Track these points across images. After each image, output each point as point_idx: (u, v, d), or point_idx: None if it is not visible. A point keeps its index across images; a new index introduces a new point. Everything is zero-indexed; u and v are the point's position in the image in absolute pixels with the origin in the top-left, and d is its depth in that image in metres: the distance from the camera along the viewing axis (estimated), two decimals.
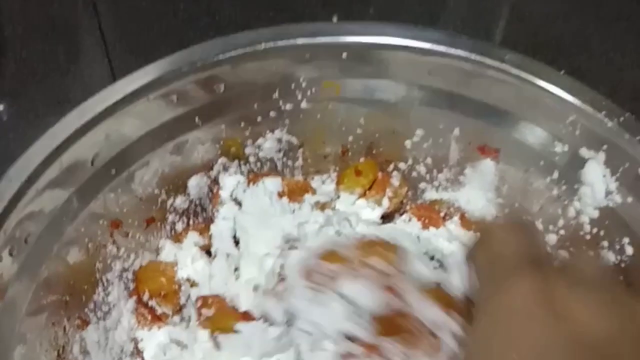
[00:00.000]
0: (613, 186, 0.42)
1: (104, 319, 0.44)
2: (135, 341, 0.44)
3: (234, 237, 0.46)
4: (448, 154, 0.47)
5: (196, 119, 0.45)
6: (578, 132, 0.42)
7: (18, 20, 0.64)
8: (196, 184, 0.47)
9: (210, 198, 0.47)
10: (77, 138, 0.41)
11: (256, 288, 0.43)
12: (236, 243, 0.46)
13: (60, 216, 0.41)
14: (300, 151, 0.48)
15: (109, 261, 0.45)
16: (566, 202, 0.43)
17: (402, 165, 0.48)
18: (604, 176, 0.42)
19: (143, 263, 0.46)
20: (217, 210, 0.47)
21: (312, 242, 0.43)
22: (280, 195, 0.47)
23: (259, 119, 0.46)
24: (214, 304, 0.43)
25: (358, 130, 0.47)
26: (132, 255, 0.46)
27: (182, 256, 0.46)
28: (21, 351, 0.39)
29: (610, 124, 0.41)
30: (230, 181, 0.47)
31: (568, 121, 0.42)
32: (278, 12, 0.65)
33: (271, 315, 0.40)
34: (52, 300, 0.41)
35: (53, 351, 0.41)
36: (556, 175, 0.44)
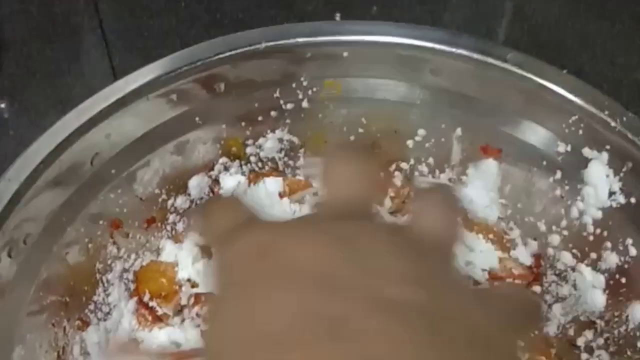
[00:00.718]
0: (616, 186, 0.42)
1: (105, 320, 0.44)
2: (135, 342, 0.44)
3: None
4: (450, 154, 0.47)
5: (197, 119, 0.45)
6: (581, 132, 0.42)
7: (19, 18, 0.64)
8: (197, 184, 0.46)
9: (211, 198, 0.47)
10: (77, 138, 0.40)
11: None
12: None
13: (59, 217, 0.41)
14: (301, 151, 0.48)
15: (109, 262, 0.44)
16: (569, 203, 0.43)
17: (404, 165, 0.48)
18: (607, 176, 0.42)
19: (144, 263, 0.45)
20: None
21: None
22: (281, 195, 0.47)
23: (260, 119, 0.46)
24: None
25: (360, 129, 0.47)
26: (133, 255, 0.45)
27: (183, 256, 0.46)
28: (21, 352, 0.39)
29: (613, 124, 0.41)
30: (230, 181, 0.47)
31: (571, 121, 0.42)
32: (279, 11, 0.65)
33: None
34: (52, 301, 0.41)
35: (53, 352, 0.41)
36: (559, 175, 0.43)
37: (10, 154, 0.40)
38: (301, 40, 0.44)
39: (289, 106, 0.46)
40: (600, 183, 0.42)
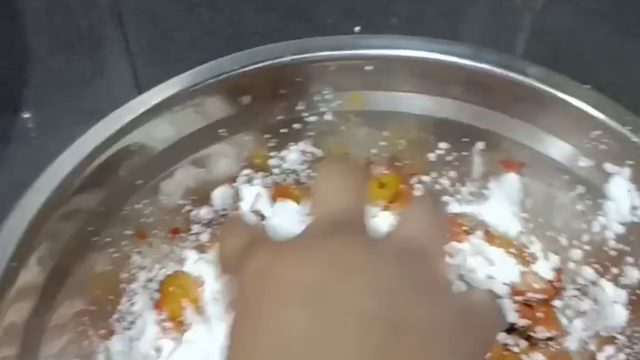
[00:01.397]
0: (638, 201, 0.42)
1: (129, 329, 0.44)
2: (159, 351, 0.44)
3: None
4: (472, 168, 0.47)
5: (221, 131, 0.45)
6: (603, 147, 0.42)
7: (44, 30, 0.65)
8: (220, 195, 0.47)
9: (234, 209, 0.48)
10: (104, 149, 0.41)
11: None
12: None
13: (86, 226, 0.41)
14: None
15: (134, 271, 0.45)
16: (590, 217, 0.43)
17: (426, 178, 0.48)
18: (629, 191, 0.42)
19: (168, 273, 0.46)
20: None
21: None
22: None
23: (284, 131, 0.47)
24: None
25: (381, 142, 0.48)
26: (157, 265, 0.46)
27: (207, 269, 0.46)
28: None
29: (635, 139, 0.41)
30: (250, 192, 0.47)
31: (593, 135, 0.42)
32: (301, 23, 0.66)
33: None
34: (78, 309, 0.42)
35: None
36: (581, 190, 0.43)
37: (34, 165, 0.40)
38: (325, 53, 0.45)
39: (312, 119, 0.47)
40: (622, 198, 0.42)
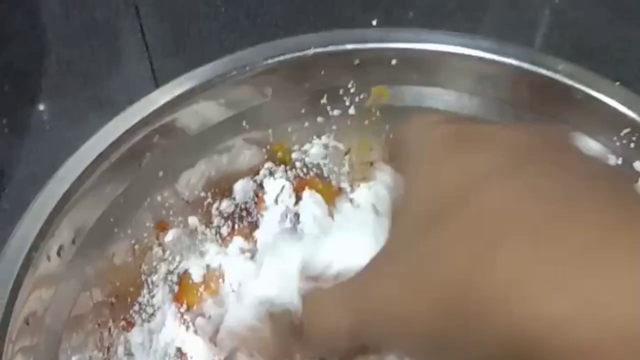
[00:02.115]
0: None
1: (149, 321, 0.43)
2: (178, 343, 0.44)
3: None
4: None
5: (244, 123, 0.45)
6: (633, 145, 0.41)
7: (60, 22, 0.65)
8: (242, 188, 0.46)
9: (255, 202, 0.47)
10: (126, 140, 0.41)
11: None
12: None
13: (107, 217, 0.41)
14: (346, 158, 0.48)
15: (155, 263, 0.45)
16: None
17: None
18: None
19: (188, 267, 0.45)
20: (262, 215, 0.47)
21: None
22: None
23: (306, 125, 0.46)
24: None
25: None
26: (178, 257, 0.45)
27: (227, 263, 0.45)
28: (67, 352, 0.39)
29: None
30: (274, 185, 0.47)
31: (622, 133, 0.41)
32: (318, 16, 0.65)
33: None
34: (98, 301, 0.41)
35: (98, 352, 0.41)
36: None
37: (50, 156, 0.40)
38: (350, 46, 0.44)
39: (336, 112, 0.46)
40: None
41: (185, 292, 0.45)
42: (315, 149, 0.47)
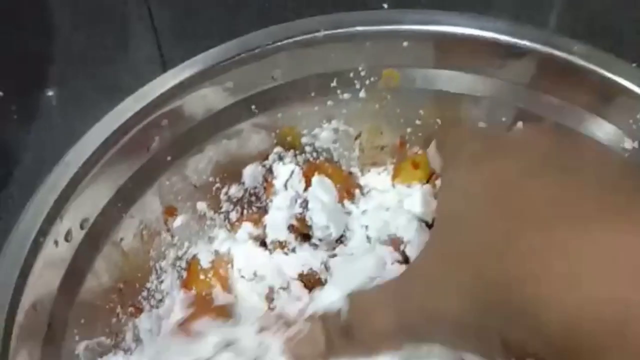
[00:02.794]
0: None
1: (157, 307, 0.43)
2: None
3: (289, 228, 0.45)
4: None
5: (252, 107, 0.44)
6: None
7: (67, 7, 0.64)
8: (251, 173, 0.46)
9: (264, 187, 0.47)
10: (134, 124, 0.40)
11: None
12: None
13: (115, 202, 0.41)
14: (357, 142, 0.47)
15: (163, 249, 0.44)
16: None
17: None
18: None
19: (197, 252, 0.45)
20: (271, 200, 0.46)
21: None
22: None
23: (316, 108, 0.45)
24: None
25: (417, 121, 0.46)
26: (186, 243, 0.45)
27: (236, 249, 0.45)
28: (75, 338, 0.39)
29: None
30: (284, 170, 0.46)
31: (639, 116, 0.40)
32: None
33: None
34: (106, 287, 0.41)
35: (106, 338, 0.41)
36: None
37: (58, 142, 0.40)
38: (360, 29, 0.43)
39: (346, 96, 0.45)
40: None
41: (193, 279, 0.44)
42: (325, 133, 0.46)
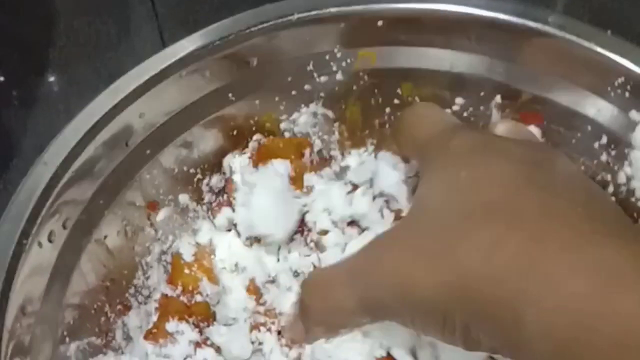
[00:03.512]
0: None
1: (145, 304, 0.43)
2: None
3: None
4: (489, 123, 0.45)
5: (230, 95, 0.44)
6: (628, 95, 0.40)
7: None
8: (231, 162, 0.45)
9: (226, 183, 0.46)
10: (110, 119, 0.40)
11: None
12: None
13: (97, 200, 0.40)
14: (336, 125, 0.47)
15: (147, 244, 0.44)
16: (616, 168, 0.42)
17: None
18: None
19: (181, 246, 0.44)
20: (234, 198, 0.45)
21: None
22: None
23: (294, 93, 0.45)
24: None
25: (395, 100, 0.46)
26: (170, 237, 0.44)
27: (218, 240, 0.45)
28: (65, 339, 0.38)
29: None
30: (236, 163, 0.45)
31: (617, 83, 0.40)
32: None
33: None
34: (93, 286, 0.41)
35: (97, 338, 0.40)
36: (605, 140, 0.42)
37: (59, 128, 0.39)
38: (334, 10, 0.43)
39: (323, 79, 0.45)
40: None
41: (178, 275, 0.43)
42: (303, 118, 0.46)
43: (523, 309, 0.28)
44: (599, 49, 0.40)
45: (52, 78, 0.57)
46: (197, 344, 0.40)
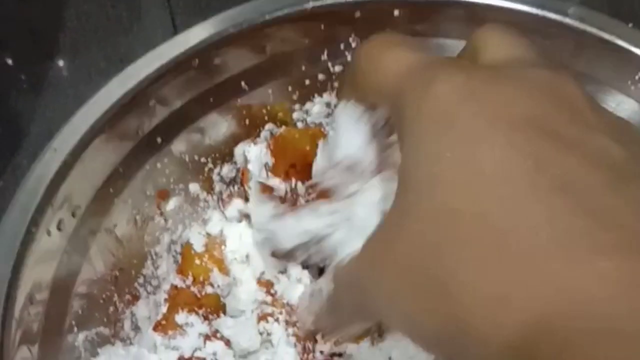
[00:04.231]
0: None
1: (154, 294, 0.42)
2: None
3: None
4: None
5: (242, 83, 0.43)
6: None
7: None
8: (242, 152, 0.44)
9: (241, 173, 0.45)
10: (121, 107, 0.39)
11: None
12: None
13: (106, 188, 0.40)
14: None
15: (157, 233, 0.43)
16: None
17: None
18: None
19: (191, 236, 0.44)
20: (249, 187, 0.43)
21: None
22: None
23: (307, 82, 0.44)
24: None
25: None
26: (180, 226, 0.44)
27: (229, 230, 0.44)
28: (74, 329, 0.38)
29: None
30: (252, 153, 0.44)
31: (638, 77, 0.40)
32: None
33: None
34: (102, 275, 0.40)
35: (105, 328, 0.40)
36: None
37: (68, 113, 0.38)
38: None
39: (337, 68, 0.44)
40: None
41: (188, 265, 0.43)
42: (317, 108, 0.45)
43: None
44: (620, 42, 0.40)
45: (62, 62, 0.56)
46: (207, 337, 0.39)
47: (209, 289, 0.41)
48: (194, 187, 0.44)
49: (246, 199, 0.44)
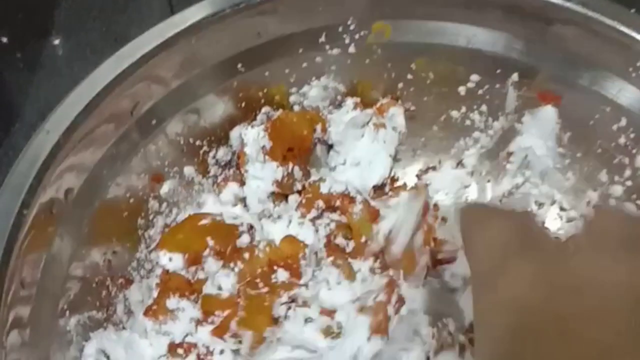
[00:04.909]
0: None
1: (147, 278, 0.42)
2: None
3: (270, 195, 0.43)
4: (505, 101, 0.44)
5: (239, 65, 0.42)
6: None
7: None
8: (239, 135, 0.44)
9: (237, 156, 0.44)
10: (115, 87, 0.38)
11: None
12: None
13: (100, 170, 0.39)
14: (347, 99, 0.46)
15: (151, 217, 0.43)
16: (634, 151, 0.41)
17: (455, 113, 0.46)
18: None
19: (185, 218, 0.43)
20: (246, 170, 0.43)
21: None
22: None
23: (305, 65, 0.44)
24: None
25: (409, 76, 0.45)
26: (175, 210, 0.44)
27: (225, 214, 0.43)
28: (67, 313, 0.38)
29: None
30: (249, 135, 0.43)
31: (639, 63, 0.39)
32: None
33: None
34: (95, 258, 0.40)
35: (97, 312, 0.40)
36: (624, 122, 0.41)
37: (62, 92, 0.38)
38: None
39: (335, 51, 0.43)
40: None
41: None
42: (314, 91, 0.45)
43: None
44: (622, 28, 0.39)
45: (57, 41, 0.56)
46: (198, 322, 0.39)
47: (201, 275, 0.41)
48: (189, 170, 0.44)
49: (242, 183, 0.44)
